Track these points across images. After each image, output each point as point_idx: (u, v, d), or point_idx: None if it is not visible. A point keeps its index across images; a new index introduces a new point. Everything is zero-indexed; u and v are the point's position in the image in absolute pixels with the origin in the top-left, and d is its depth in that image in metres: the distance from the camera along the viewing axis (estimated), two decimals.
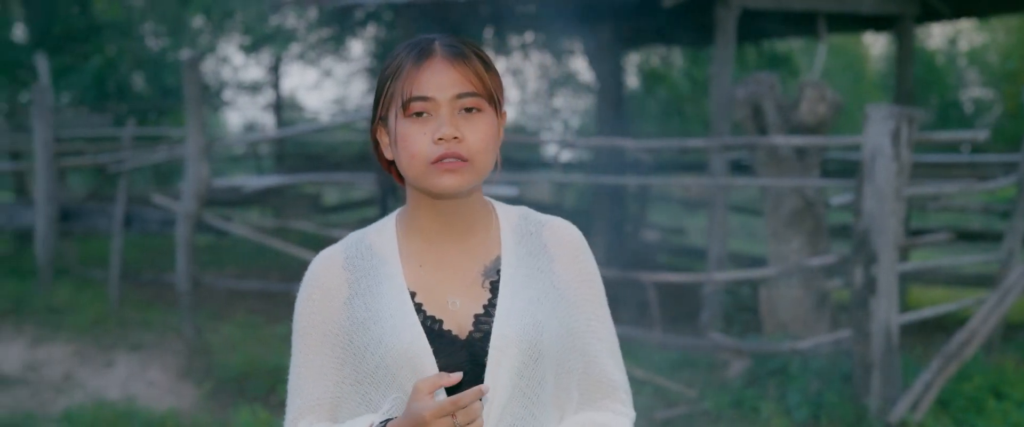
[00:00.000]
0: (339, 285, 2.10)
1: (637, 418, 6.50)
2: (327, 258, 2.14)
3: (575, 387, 2.14)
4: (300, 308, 2.13)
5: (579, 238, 2.21)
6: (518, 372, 2.02)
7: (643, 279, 7.42)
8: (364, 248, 2.13)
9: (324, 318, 2.09)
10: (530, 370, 2.03)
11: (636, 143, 7.69)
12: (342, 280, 2.10)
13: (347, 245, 2.15)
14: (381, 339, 2.01)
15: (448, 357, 2.01)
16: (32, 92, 11.47)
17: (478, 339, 2.03)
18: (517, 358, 2.01)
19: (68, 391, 8.59)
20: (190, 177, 9.14)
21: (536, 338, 2.03)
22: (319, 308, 2.10)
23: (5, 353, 9.39)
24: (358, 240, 2.16)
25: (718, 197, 9.19)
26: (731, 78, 9.21)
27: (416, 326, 2.02)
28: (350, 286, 2.09)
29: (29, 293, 10.79)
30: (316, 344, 2.09)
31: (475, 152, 2.00)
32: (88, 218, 11.44)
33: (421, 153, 1.98)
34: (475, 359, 2.02)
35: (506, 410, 2.03)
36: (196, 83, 9.21)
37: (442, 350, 2.01)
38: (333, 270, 2.12)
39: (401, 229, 2.14)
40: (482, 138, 2.01)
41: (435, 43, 2.04)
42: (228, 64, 20.53)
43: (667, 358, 8.08)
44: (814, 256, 7.63)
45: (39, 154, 11.16)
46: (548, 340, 2.05)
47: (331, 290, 2.10)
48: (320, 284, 2.11)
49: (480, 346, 2.03)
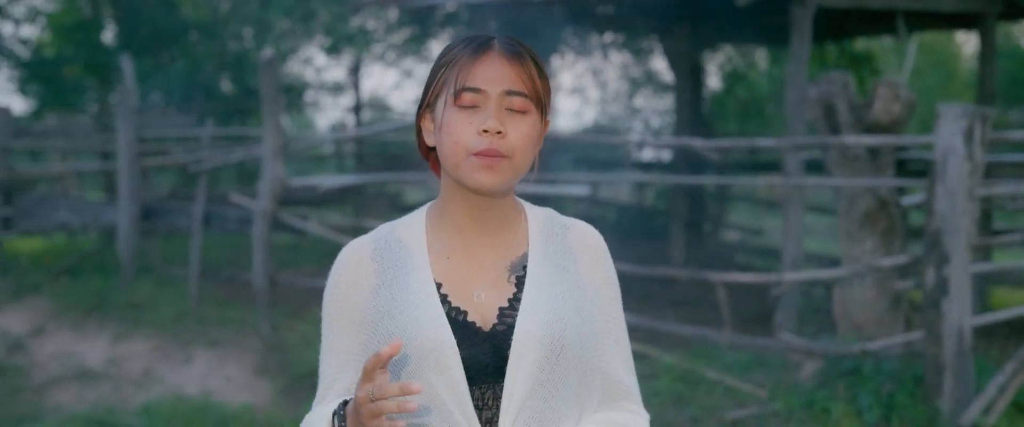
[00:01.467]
0: (366, 275, 2.14)
1: (707, 417, 6.42)
2: (355, 248, 2.19)
3: (598, 386, 2.16)
4: (327, 296, 2.17)
5: (601, 242, 2.24)
6: (540, 366, 2.04)
7: (712, 279, 7.38)
8: (393, 239, 2.17)
9: (350, 306, 2.13)
10: (552, 365, 2.05)
11: (705, 143, 7.65)
12: (369, 270, 2.14)
13: (376, 236, 2.20)
14: (405, 328, 2.04)
15: (471, 349, 2.04)
16: (116, 93, 11.70)
17: (501, 332, 2.06)
18: (539, 352, 2.03)
19: (147, 386, 8.77)
20: (266, 176, 9.27)
21: (559, 333, 2.05)
22: (345, 296, 2.14)
23: (89, 348, 9.61)
24: (388, 231, 2.20)
25: (793, 197, 9.11)
26: (807, 77, 9.13)
27: (440, 317, 2.04)
28: (377, 276, 2.13)
29: (112, 290, 11.01)
30: (342, 332, 2.14)
31: (515, 150, 2.03)
32: (169, 217, 11.64)
33: (464, 141, 2.01)
34: (498, 352, 2.05)
35: (527, 404, 2.05)
36: (273, 83, 9.34)
37: (465, 341, 2.04)
38: (361, 260, 2.16)
39: (431, 221, 2.18)
40: (524, 137, 2.04)
41: (494, 40, 2.08)
42: (311, 65, 20.75)
43: (739, 359, 8.03)
44: (888, 257, 7.53)
45: (122, 154, 11.38)
46: (570, 336, 2.07)
47: (357, 279, 2.14)
48: (347, 273, 2.16)
49: (503, 339, 2.05)
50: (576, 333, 2.09)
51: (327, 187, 9.95)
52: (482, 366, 2.04)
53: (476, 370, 2.04)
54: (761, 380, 7.62)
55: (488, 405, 2.05)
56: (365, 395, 1.86)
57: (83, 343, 9.75)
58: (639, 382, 7.56)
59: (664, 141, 8.80)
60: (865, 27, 12.69)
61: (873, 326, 7.76)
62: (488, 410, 2.05)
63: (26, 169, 14.33)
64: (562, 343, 2.05)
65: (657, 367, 7.82)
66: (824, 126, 7.86)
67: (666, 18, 12.77)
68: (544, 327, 2.04)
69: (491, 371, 2.04)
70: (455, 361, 2.02)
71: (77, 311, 10.44)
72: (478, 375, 2.04)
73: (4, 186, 12.22)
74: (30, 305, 10.84)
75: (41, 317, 10.48)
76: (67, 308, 10.56)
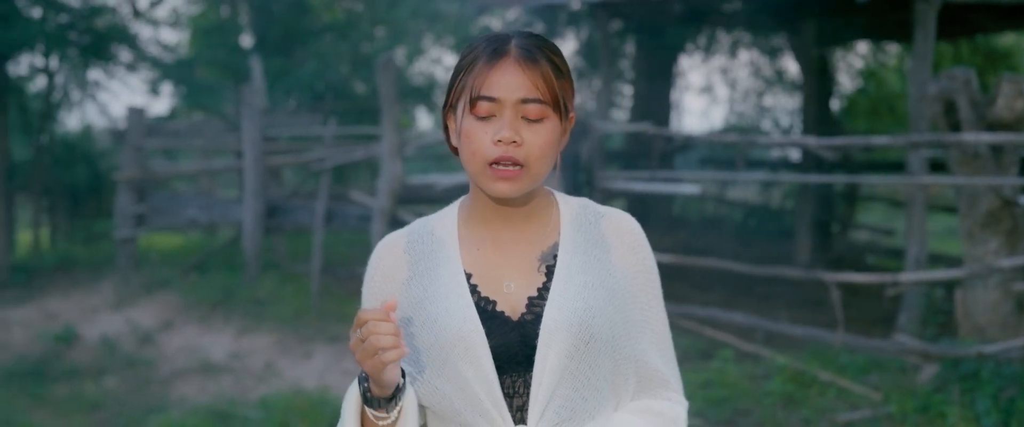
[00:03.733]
0: (399, 267, 2.18)
1: (818, 419, 6.32)
2: (390, 241, 2.24)
3: (633, 374, 2.16)
4: (364, 288, 2.23)
5: (637, 230, 2.23)
6: (568, 354, 2.04)
7: (826, 279, 7.26)
8: (426, 233, 2.21)
9: (384, 297, 2.17)
10: (581, 353, 2.05)
11: (818, 141, 7.52)
12: (402, 262, 2.19)
13: (411, 230, 2.24)
14: (436, 318, 2.08)
15: (500, 338, 2.06)
16: (242, 93, 11.98)
17: (529, 321, 2.07)
18: (566, 340, 2.04)
19: (268, 379, 8.97)
20: (384, 175, 9.42)
21: (587, 322, 2.05)
22: (379, 287, 2.19)
23: (213, 342, 9.87)
24: (422, 225, 2.24)
25: (916, 196, 8.91)
26: (930, 74, 8.91)
27: (469, 307, 2.07)
28: (409, 268, 2.17)
29: (238, 286, 11.29)
30: None
31: (532, 159, 2.05)
32: (293, 214, 11.87)
33: (480, 152, 2.04)
34: (526, 340, 2.06)
35: (556, 391, 2.06)
36: (391, 84, 9.48)
37: (494, 331, 2.06)
38: (394, 253, 2.21)
39: (463, 215, 2.21)
40: (541, 145, 2.05)
41: (511, 43, 2.08)
42: (440, 65, 20.96)
43: (855, 361, 7.89)
44: (1011, 257, 7.31)
45: (247, 152, 11.66)
46: (600, 325, 2.07)
47: (391, 271, 2.19)
48: (381, 265, 2.21)
49: (531, 328, 2.06)
50: (606, 322, 2.08)
51: (444, 185, 10.05)
52: (511, 355, 2.06)
53: (505, 359, 2.06)
54: (877, 383, 7.48)
55: (519, 393, 2.07)
56: (356, 339, 1.92)
57: (208, 337, 10.02)
58: (751, 382, 7.45)
59: (774, 139, 8.68)
60: (996, 22, 12.33)
61: (997, 329, 7.54)
62: (519, 398, 2.07)
63: (160, 168, 14.75)
64: (591, 331, 2.06)
65: (770, 368, 7.73)
66: (944, 123, 7.66)
67: (792, 15, 12.59)
68: (571, 315, 2.05)
69: (520, 360, 2.06)
70: (484, 350, 2.04)
71: (204, 306, 10.74)
72: (508, 364, 2.06)
73: (138, 184, 12.60)
74: (160, 300, 11.19)
75: (170, 311, 10.80)
76: (194, 303, 10.88)
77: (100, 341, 10.34)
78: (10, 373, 9.97)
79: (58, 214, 15.86)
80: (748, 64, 19.21)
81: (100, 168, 15.30)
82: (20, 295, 12.43)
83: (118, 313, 11.06)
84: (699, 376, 7.57)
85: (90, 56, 15.60)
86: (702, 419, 6.99)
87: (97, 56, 15.61)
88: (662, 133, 8.19)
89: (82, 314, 11.24)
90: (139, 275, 12.12)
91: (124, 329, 10.52)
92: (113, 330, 10.55)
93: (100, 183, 14.70)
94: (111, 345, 10.20)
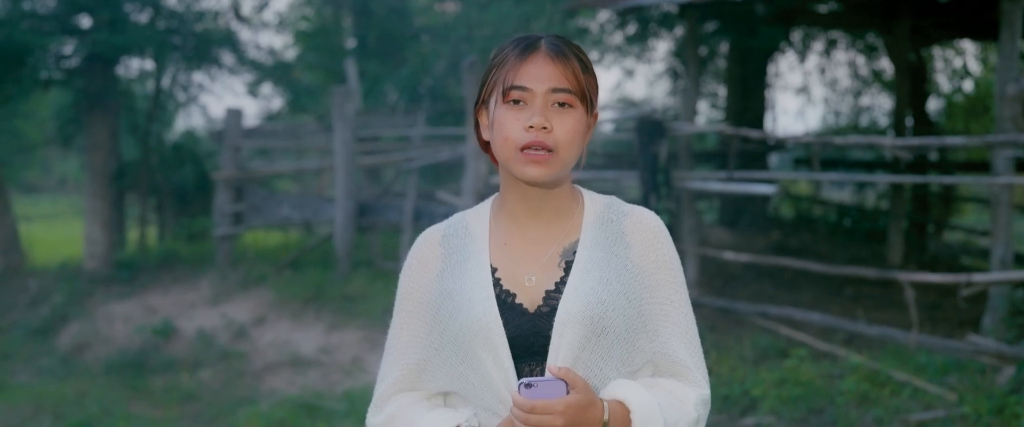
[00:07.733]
0: (433, 259, 2.34)
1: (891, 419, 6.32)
2: (427, 236, 2.40)
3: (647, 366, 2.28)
4: (401, 279, 2.39)
5: (660, 227, 2.34)
6: (580, 345, 2.18)
7: (900, 279, 7.25)
8: (461, 227, 2.36)
9: (418, 288, 2.34)
10: (593, 345, 2.19)
11: (893, 141, 7.51)
12: (436, 255, 2.34)
13: (448, 224, 2.39)
14: (461, 308, 2.23)
15: (516, 328, 2.20)
16: (333, 95, 12.20)
17: (545, 313, 2.21)
18: (579, 332, 2.17)
19: (354, 374, 9.20)
20: (469, 175, 9.60)
21: (599, 315, 2.18)
22: (415, 279, 2.35)
23: (304, 337, 10.13)
24: (458, 220, 2.39)
25: (1002, 196, 8.82)
26: (1018, 74, 8.81)
27: (490, 299, 2.21)
28: (443, 261, 2.33)
29: (329, 282, 11.54)
30: (411, 311, 2.34)
31: (561, 144, 2.18)
32: (383, 213, 12.08)
33: (513, 138, 2.18)
34: (540, 331, 2.20)
35: None
36: (475, 86, 9.64)
37: (511, 322, 2.20)
38: (430, 246, 2.36)
39: (494, 211, 2.36)
40: (569, 131, 2.19)
41: (541, 41, 2.24)
42: None
43: (933, 361, 7.85)
44: None
45: (338, 153, 11.89)
46: (612, 318, 2.20)
47: (426, 263, 2.35)
48: (418, 258, 2.37)
49: (546, 320, 2.20)
50: (620, 315, 2.21)
51: None
52: (528, 345, 2.20)
53: (522, 349, 2.20)
54: (955, 384, 7.44)
55: None
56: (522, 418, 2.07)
57: (299, 332, 10.29)
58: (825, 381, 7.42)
59: (849, 140, 8.63)
60: None
61: None
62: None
63: (257, 168, 15.09)
64: (603, 324, 2.18)
65: (844, 368, 7.74)
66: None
67: (885, 14, 12.49)
68: (584, 308, 2.18)
69: (536, 349, 2.20)
70: (501, 340, 2.19)
71: (296, 302, 11.02)
72: (524, 353, 2.20)
73: (236, 184, 12.93)
74: (255, 295, 11.50)
75: (263, 307, 11.11)
76: (287, 299, 11.16)
77: (196, 335, 10.68)
78: (111, 365, 10.39)
79: (165, 213, 16.32)
80: (845, 64, 19.03)
81: (206, 168, 15.69)
82: (124, 291, 12.86)
83: (214, 308, 11.40)
84: (773, 374, 7.60)
85: (194, 59, 16.04)
86: (774, 417, 7.04)
87: (201, 59, 16.04)
88: (739, 133, 8.23)
89: (180, 309, 11.61)
90: (235, 272, 12.45)
91: (219, 323, 10.85)
92: (209, 324, 10.90)
93: (205, 183, 15.09)
94: (206, 339, 10.54)
